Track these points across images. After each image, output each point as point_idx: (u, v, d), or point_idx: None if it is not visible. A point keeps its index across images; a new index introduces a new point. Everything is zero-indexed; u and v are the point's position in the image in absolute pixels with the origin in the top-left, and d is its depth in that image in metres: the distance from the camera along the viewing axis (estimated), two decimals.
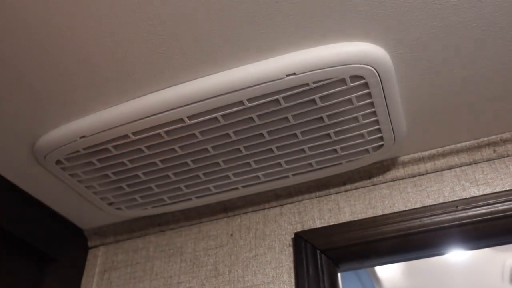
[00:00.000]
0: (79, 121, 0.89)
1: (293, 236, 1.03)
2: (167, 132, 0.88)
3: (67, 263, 1.19)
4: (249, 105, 0.82)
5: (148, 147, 0.91)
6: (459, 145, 0.98)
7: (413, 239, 0.91)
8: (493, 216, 0.87)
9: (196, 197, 1.07)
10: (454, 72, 0.82)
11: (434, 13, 0.72)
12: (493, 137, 0.96)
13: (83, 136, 0.89)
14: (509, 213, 0.86)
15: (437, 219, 0.90)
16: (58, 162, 0.95)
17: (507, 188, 0.91)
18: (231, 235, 1.10)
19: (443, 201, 0.94)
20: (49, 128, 0.91)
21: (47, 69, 0.78)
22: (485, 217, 0.88)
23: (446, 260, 2.00)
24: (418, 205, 0.96)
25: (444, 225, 0.90)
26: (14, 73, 0.79)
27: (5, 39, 0.73)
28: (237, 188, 1.04)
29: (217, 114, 0.84)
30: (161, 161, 0.95)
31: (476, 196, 0.91)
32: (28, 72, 0.79)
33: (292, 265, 0.99)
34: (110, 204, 1.09)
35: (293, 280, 0.97)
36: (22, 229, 1.10)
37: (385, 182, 1.02)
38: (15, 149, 0.96)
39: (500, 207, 0.87)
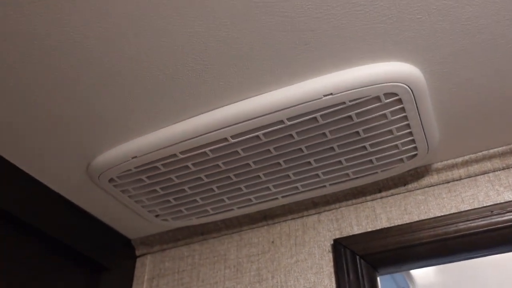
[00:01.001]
0: (131, 143, 0.96)
1: (332, 242, 1.08)
2: (212, 151, 0.94)
3: (118, 271, 1.27)
4: (289, 123, 0.87)
5: (194, 164, 0.98)
6: (491, 150, 1.01)
7: (449, 244, 0.95)
8: None
9: (238, 208, 1.13)
10: (484, 83, 0.85)
11: (463, 32, 0.75)
12: None
13: (135, 157, 0.96)
14: None
15: (472, 224, 0.94)
16: (111, 180, 1.02)
17: None
18: (272, 242, 1.16)
19: (478, 206, 0.98)
20: (103, 149, 0.98)
21: (104, 94, 0.86)
22: None
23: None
24: (453, 211, 1.00)
25: (479, 230, 0.93)
26: (72, 97, 0.86)
27: (67, 62, 0.80)
28: (276, 198, 1.10)
29: (259, 133, 0.90)
30: (206, 176, 1.01)
31: (510, 201, 0.94)
32: (85, 97, 0.86)
33: (332, 270, 1.04)
34: (157, 216, 1.16)
35: (334, 285, 1.02)
36: (76, 240, 1.18)
37: (419, 189, 1.06)
38: (71, 169, 1.04)
39: None
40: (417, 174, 1.06)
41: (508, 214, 0.92)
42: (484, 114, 0.93)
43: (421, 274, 2.16)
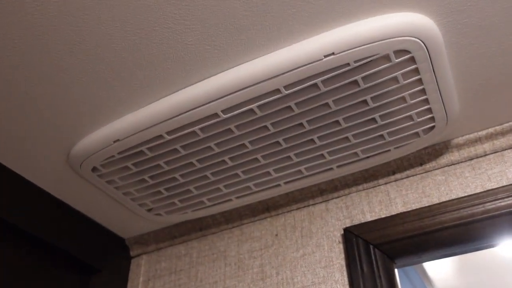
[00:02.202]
0: (111, 125, 0.86)
1: (342, 232, 0.96)
2: (202, 129, 0.83)
3: (111, 273, 1.16)
4: (286, 92, 0.77)
5: (183, 147, 0.87)
6: None
7: (476, 226, 0.83)
8: None
9: (237, 197, 1.02)
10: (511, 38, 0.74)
11: None
12: None
13: (117, 140, 0.86)
14: None
15: (502, 204, 0.82)
16: (94, 169, 0.93)
17: None
18: (276, 235, 1.04)
19: (507, 183, 0.86)
20: (83, 135, 0.88)
21: (78, 74, 0.76)
22: None
23: (499, 257, 1.88)
24: (478, 190, 0.88)
25: (510, 209, 0.81)
26: (46, 82, 0.77)
27: (38, 46, 0.71)
28: (279, 185, 0.99)
29: (253, 105, 0.79)
30: (198, 160, 0.91)
31: None
32: (60, 79, 0.77)
33: (343, 263, 0.93)
34: (149, 210, 1.06)
35: (346, 279, 0.90)
36: (64, 240, 1.08)
37: (438, 168, 0.94)
38: (50, 159, 0.94)
39: None
40: (435, 151, 0.94)
41: None
42: (510, 75, 0.81)
43: (440, 276, 2.04)
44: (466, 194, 0.88)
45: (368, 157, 0.92)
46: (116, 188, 0.98)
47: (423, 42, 0.71)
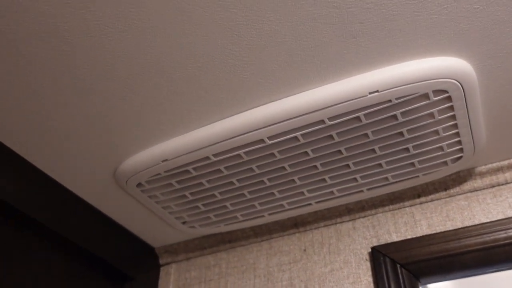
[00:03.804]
0: (161, 145, 0.92)
1: (369, 250, 1.02)
2: (246, 153, 0.89)
3: (142, 281, 1.22)
4: (330, 123, 0.83)
5: (226, 168, 0.93)
6: None
7: (499, 251, 0.89)
8: None
9: (269, 214, 1.08)
10: None
11: None
12: None
13: (165, 160, 0.92)
14: None
15: None
16: (139, 185, 0.98)
17: None
18: (304, 250, 1.10)
19: None
20: (132, 152, 0.94)
21: (132, 95, 0.82)
22: None
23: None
24: (500, 217, 0.94)
25: None
26: (99, 100, 0.82)
27: (95, 58, 0.76)
28: (310, 204, 1.05)
29: (297, 134, 0.85)
30: (238, 180, 0.97)
31: None
32: (114, 99, 0.82)
33: (371, 279, 0.99)
34: (184, 223, 1.11)
35: None
36: (100, 248, 1.14)
37: (462, 194, 1.01)
38: (97, 174, 0.99)
39: None
40: (459, 178, 1.01)
41: None
42: None
43: None
44: (488, 220, 0.95)
45: (397, 181, 0.98)
46: (156, 202, 1.04)
47: (460, 84, 0.77)
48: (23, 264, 0.99)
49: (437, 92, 0.78)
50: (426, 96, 0.79)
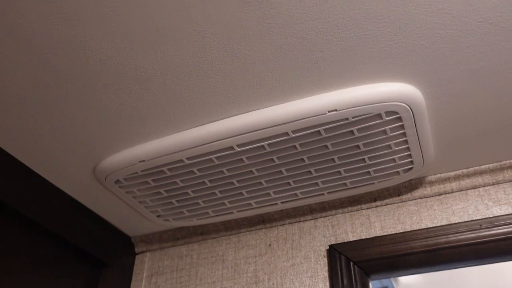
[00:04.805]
0: (139, 147, 0.99)
1: (327, 248, 1.12)
2: (217, 158, 0.98)
3: (118, 268, 1.30)
4: (293, 135, 0.91)
5: (199, 170, 1.01)
6: (482, 166, 1.07)
7: (439, 254, 1.00)
8: None
9: (238, 211, 1.17)
10: (479, 105, 0.90)
11: (464, 58, 0.80)
12: None
13: (143, 161, 0.99)
14: None
15: (462, 237, 0.99)
16: (117, 181, 1.06)
17: None
18: (269, 245, 1.20)
19: (468, 220, 1.03)
20: (111, 152, 1.01)
21: (113, 100, 0.89)
22: (506, 236, 0.96)
23: None
24: (444, 222, 1.05)
25: (468, 242, 0.98)
26: (84, 100, 0.89)
27: (79, 63, 0.83)
28: (276, 204, 1.14)
29: (264, 143, 0.93)
30: (209, 180, 1.05)
31: (498, 216, 1.00)
32: (95, 102, 0.89)
33: (327, 274, 1.09)
34: (159, 216, 1.20)
35: None
36: (78, 237, 1.21)
37: (413, 200, 1.11)
38: (78, 170, 1.07)
39: None
40: (411, 185, 1.11)
41: (495, 228, 0.98)
42: (477, 133, 0.98)
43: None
44: (433, 225, 1.05)
45: (354, 187, 1.08)
46: (133, 197, 1.11)
47: (409, 106, 0.86)
48: (6, 254, 1.06)
49: (389, 113, 0.87)
50: (379, 116, 0.88)
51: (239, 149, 0.95)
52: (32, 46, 0.77)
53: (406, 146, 0.95)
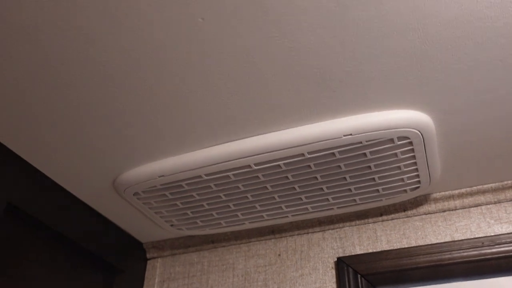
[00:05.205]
0: (160, 162, 1.03)
1: (335, 260, 1.17)
2: (234, 175, 1.02)
3: (131, 273, 1.34)
4: (309, 156, 0.96)
5: (216, 185, 1.06)
6: (485, 186, 1.12)
7: (442, 270, 1.05)
8: None
9: (249, 222, 1.22)
10: (485, 130, 0.95)
11: (473, 90, 0.85)
12: None
13: (162, 175, 1.03)
14: None
15: (465, 253, 1.05)
16: (135, 193, 1.10)
17: None
18: (279, 255, 1.25)
19: (470, 237, 1.08)
20: (132, 166, 1.05)
21: (138, 114, 0.93)
22: (507, 254, 1.01)
23: None
24: (447, 239, 1.10)
25: (471, 259, 1.04)
26: (107, 115, 0.93)
27: (102, 78, 0.87)
28: (287, 216, 1.19)
29: (280, 162, 0.98)
30: (225, 195, 1.09)
31: (499, 234, 1.05)
32: (120, 116, 0.93)
33: (334, 286, 1.14)
34: (172, 225, 1.24)
35: None
36: (94, 243, 1.26)
37: (418, 215, 1.16)
38: (97, 181, 1.11)
39: None
40: (417, 202, 1.16)
41: (497, 246, 1.03)
42: (482, 154, 1.02)
43: None
44: (437, 241, 1.10)
45: (363, 203, 1.13)
46: (149, 208, 1.16)
47: (420, 133, 0.91)
48: (26, 259, 1.10)
49: (401, 138, 0.92)
50: (391, 140, 0.93)
51: (256, 168, 0.99)
52: (54, 61, 0.80)
53: (415, 167, 1.00)
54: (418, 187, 1.07)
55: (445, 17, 0.72)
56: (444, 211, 1.15)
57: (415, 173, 1.02)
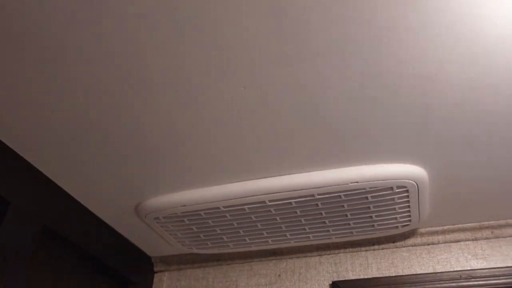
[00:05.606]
0: (183, 193, 1.15)
1: (330, 283, 1.31)
2: (249, 208, 1.14)
3: (142, 285, 1.45)
4: (318, 197, 1.09)
5: (231, 215, 1.18)
6: (465, 225, 1.28)
7: None
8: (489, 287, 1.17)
9: (255, 245, 1.34)
10: (470, 180, 1.10)
11: (466, 153, 1.00)
12: (492, 222, 1.26)
13: (184, 205, 1.15)
14: (501, 286, 1.16)
15: (445, 285, 1.20)
16: (156, 218, 1.21)
17: (499, 265, 1.21)
18: (279, 275, 1.38)
19: (450, 270, 1.24)
20: (156, 194, 1.16)
21: (167, 149, 1.04)
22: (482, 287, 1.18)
23: None
24: (430, 270, 1.26)
25: None
26: (140, 148, 1.04)
27: (139, 116, 0.98)
28: (289, 242, 1.32)
29: (292, 200, 1.11)
30: (237, 223, 1.22)
31: (475, 269, 1.21)
32: (151, 152, 1.04)
33: None
34: (183, 245, 1.36)
35: None
36: (108, 257, 1.36)
37: (405, 247, 1.31)
38: (120, 205, 1.21)
39: (492, 280, 1.17)
40: (405, 235, 1.31)
41: (473, 279, 1.19)
42: (464, 200, 1.18)
43: None
44: (421, 272, 1.26)
45: (359, 235, 1.27)
46: (166, 230, 1.27)
47: (416, 183, 1.06)
48: (48, 272, 1.19)
49: (399, 186, 1.06)
50: (391, 188, 1.07)
51: (269, 203, 1.12)
52: (79, 87, 0.91)
53: (408, 209, 1.15)
54: (408, 224, 1.22)
55: (448, 101, 0.86)
56: (428, 244, 1.30)
57: (407, 214, 1.17)
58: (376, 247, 1.33)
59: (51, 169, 1.08)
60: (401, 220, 1.20)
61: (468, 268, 1.23)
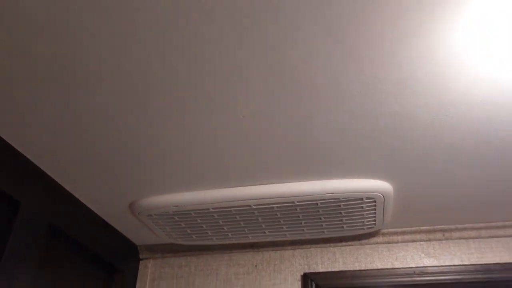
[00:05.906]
0: (176, 195, 1.26)
1: (302, 274, 1.48)
2: (236, 210, 1.28)
3: (127, 273, 1.57)
4: (297, 204, 1.24)
5: (218, 215, 1.31)
6: (421, 227, 1.46)
7: None
8: (438, 283, 1.36)
9: (236, 240, 1.48)
10: (426, 197, 1.28)
11: (428, 171, 1.16)
12: (443, 226, 1.45)
13: (176, 206, 1.27)
14: (448, 282, 1.36)
15: (400, 279, 1.39)
16: (148, 215, 1.33)
17: (448, 263, 1.41)
18: (256, 266, 1.53)
19: (406, 266, 1.43)
20: (151, 194, 1.28)
21: (166, 157, 1.15)
22: (431, 282, 1.37)
23: None
24: (389, 266, 1.44)
25: (404, 284, 1.38)
26: (133, 149, 1.15)
27: (136, 112, 1.09)
28: (267, 238, 1.47)
29: (274, 205, 1.25)
30: (223, 221, 1.35)
31: (427, 266, 1.40)
32: (146, 150, 1.15)
33: None
34: (170, 237, 1.48)
35: None
36: (97, 246, 1.47)
37: (369, 244, 1.49)
38: (115, 201, 1.32)
39: (441, 276, 1.37)
40: (369, 234, 1.49)
41: (424, 275, 1.38)
42: (421, 209, 1.36)
43: None
44: (382, 267, 1.44)
45: (329, 233, 1.43)
46: (156, 225, 1.39)
47: (383, 196, 1.22)
48: (52, 262, 1.29)
49: (368, 197, 1.22)
50: (361, 198, 1.23)
51: (254, 207, 1.26)
52: (91, 105, 1.01)
53: (374, 215, 1.32)
54: (373, 227, 1.39)
55: (412, 135, 1.01)
56: (389, 243, 1.48)
57: (373, 219, 1.34)
58: (343, 243, 1.50)
59: (56, 172, 1.17)
60: (367, 223, 1.36)
61: (421, 265, 1.42)
